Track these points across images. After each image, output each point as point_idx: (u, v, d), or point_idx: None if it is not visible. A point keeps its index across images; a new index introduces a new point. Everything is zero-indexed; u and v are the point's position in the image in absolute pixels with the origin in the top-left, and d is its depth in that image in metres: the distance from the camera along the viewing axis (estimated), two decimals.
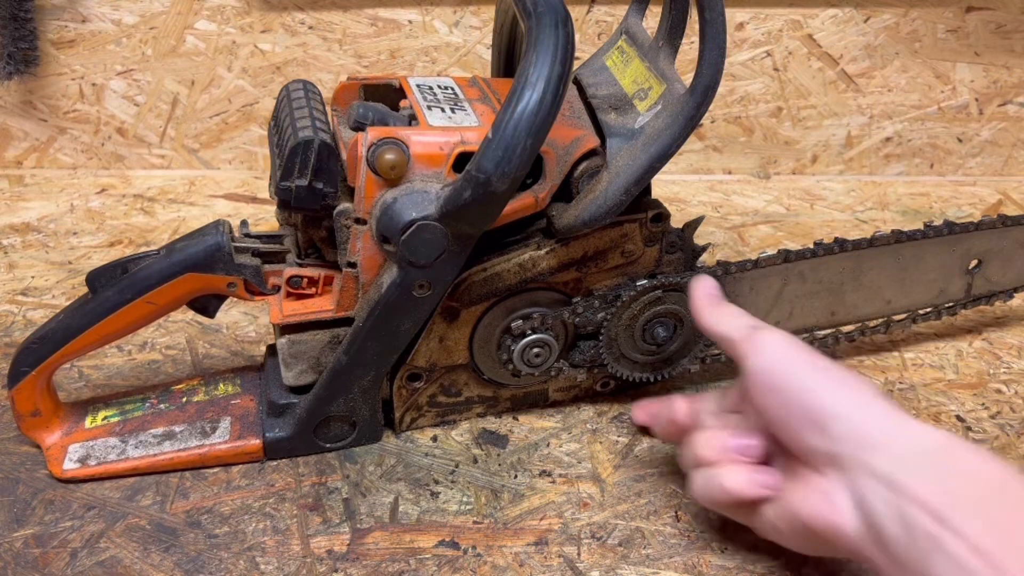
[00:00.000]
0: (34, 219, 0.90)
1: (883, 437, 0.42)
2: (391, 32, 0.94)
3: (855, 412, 0.44)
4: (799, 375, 0.46)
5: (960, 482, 0.40)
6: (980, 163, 1.02)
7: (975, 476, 0.40)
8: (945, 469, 0.41)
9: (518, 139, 0.48)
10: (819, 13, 0.93)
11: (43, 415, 0.58)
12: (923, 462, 0.41)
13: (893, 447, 0.42)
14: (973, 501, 0.39)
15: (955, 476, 0.40)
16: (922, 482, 0.40)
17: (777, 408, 0.46)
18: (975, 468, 0.41)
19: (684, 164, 1.02)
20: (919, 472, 0.41)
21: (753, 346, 0.48)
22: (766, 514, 0.48)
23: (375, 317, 0.55)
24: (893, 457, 0.42)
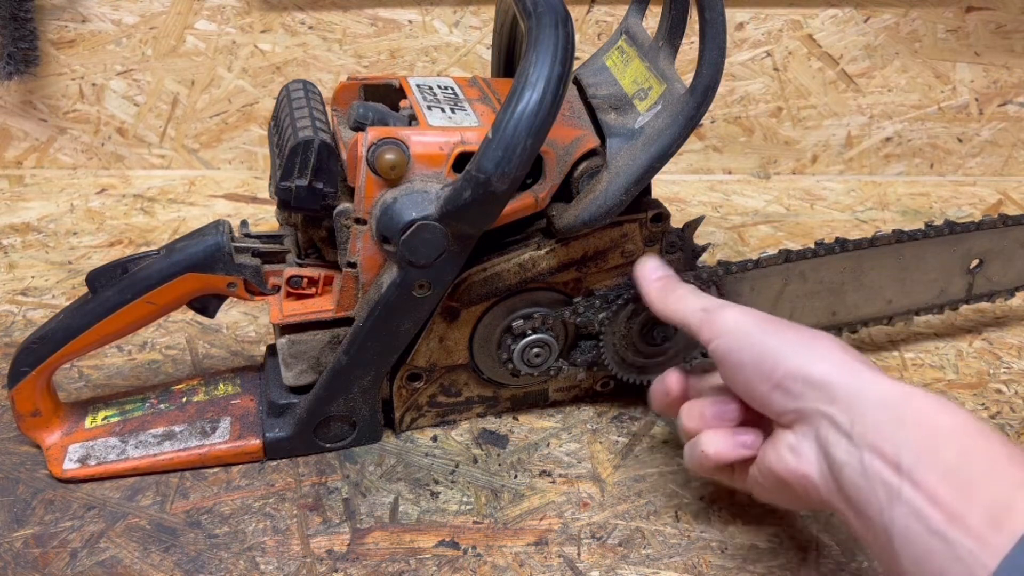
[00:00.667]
0: (34, 219, 0.90)
1: (841, 389, 0.43)
2: (391, 32, 0.94)
3: (811, 367, 0.44)
4: (755, 346, 0.46)
5: (918, 431, 0.40)
6: (980, 163, 1.02)
7: (933, 425, 0.40)
8: (903, 419, 0.41)
9: (518, 139, 0.48)
10: (819, 13, 0.93)
11: (43, 415, 0.58)
12: (881, 412, 0.41)
13: (851, 399, 0.42)
14: (930, 450, 0.39)
15: (913, 426, 0.40)
16: (880, 432, 0.40)
17: (744, 383, 0.47)
18: (933, 417, 0.40)
19: (684, 164, 1.02)
20: (877, 422, 0.41)
21: (710, 331, 0.49)
22: (752, 475, 0.49)
23: (375, 317, 0.55)
24: (851, 407, 0.42)
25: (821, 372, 0.44)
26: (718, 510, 0.56)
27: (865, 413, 0.41)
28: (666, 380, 0.54)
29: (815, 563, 0.52)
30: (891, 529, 0.38)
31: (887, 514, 0.39)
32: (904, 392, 0.42)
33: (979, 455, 0.38)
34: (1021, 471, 0.37)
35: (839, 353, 0.45)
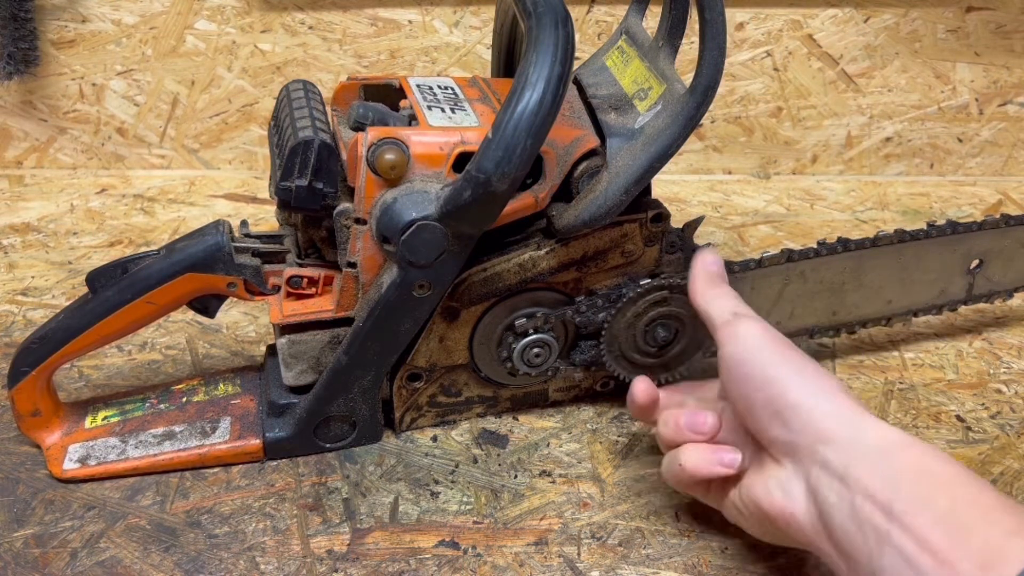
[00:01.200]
0: (34, 219, 0.90)
1: (839, 431, 0.43)
2: (391, 32, 0.94)
3: (815, 405, 0.44)
4: (767, 365, 0.46)
5: (911, 478, 0.40)
6: (980, 163, 1.02)
7: (927, 473, 0.40)
8: (897, 465, 0.41)
9: (518, 139, 0.48)
10: (819, 13, 0.93)
11: (43, 415, 0.58)
12: (876, 457, 0.41)
13: (848, 441, 0.42)
14: (923, 497, 0.39)
15: (907, 472, 0.40)
16: (873, 476, 0.40)
17: (745, 397, 0.47)
18: (927, 465, 0.41)
19: (684, 164, 1.02)
20: (871, 467, 0.41)
21: (730, 334, 0.49)
22: (731, 498, 0.49)
23: (375, 317, 0.55)
24: (847, 451, 0.42)
25: (824, 411, 0.44)
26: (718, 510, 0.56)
27: (860, 458, 0.41)
28: (633, 388, 0.54)
29: (815, 563, 0.52)
30: (879, 574, 0.38)
31: (876, 559, 0.39)
32: (900, 440, 0.42)
33: (971, 503, 0.39)
34: (1012, 518, 0.37)
35: (843, 396, 0.45)
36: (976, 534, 0.37)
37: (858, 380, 0.68)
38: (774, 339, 0.48)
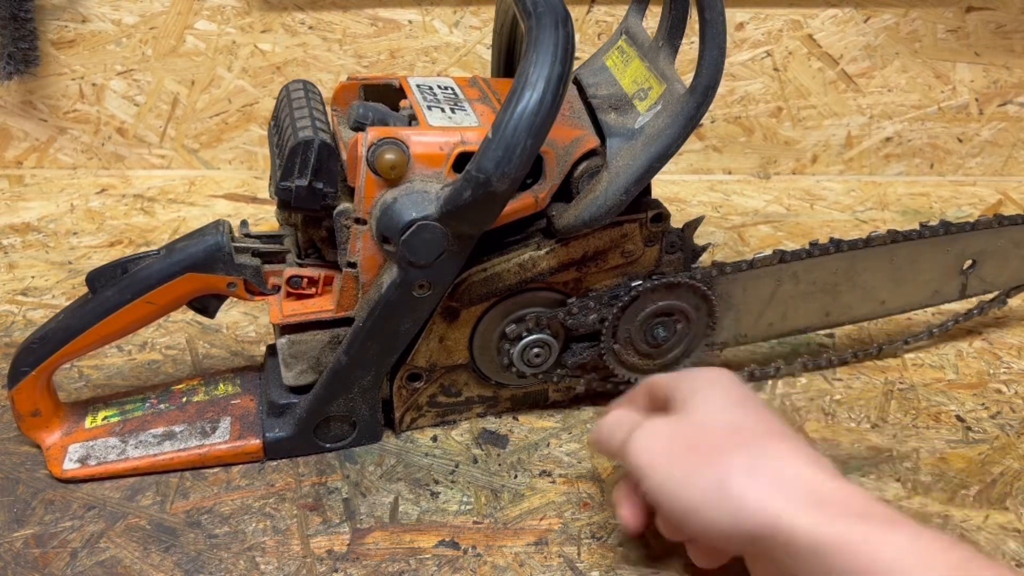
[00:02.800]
0: (34, 219, 0.90)
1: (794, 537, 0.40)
2: (391, 32, 0.94)
3: (744, 517, 0.42)
4: (657, 479, 0.45)
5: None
6: (980, 163, 1.02)
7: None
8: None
9: (518, 139, 0.48)
10: (819, 13, 0.93)
11: (43, 415, 0.58)
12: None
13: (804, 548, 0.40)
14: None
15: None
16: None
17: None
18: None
19: (684, 164, 1.02)
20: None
21: (625, 455, 0.47)
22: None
23: (375, 317, 0.55)
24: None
25: (757, 521, 0.41)
26: None
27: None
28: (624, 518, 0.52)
29: None
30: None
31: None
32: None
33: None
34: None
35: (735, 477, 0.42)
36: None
37: (858, 380, 0.68)
38: (661, 442, 0.47)
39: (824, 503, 0.40)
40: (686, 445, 0.45)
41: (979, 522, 0.55)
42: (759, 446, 0.44)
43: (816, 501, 0.40)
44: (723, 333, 0.64)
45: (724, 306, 0.61)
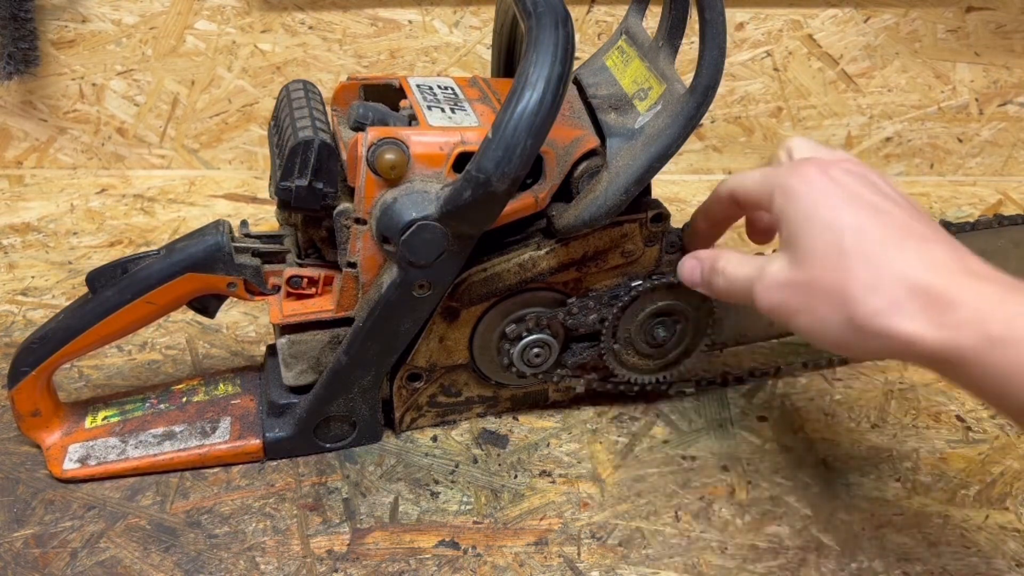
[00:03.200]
0: (34, 219, 0.90)
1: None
2: (391, 32, 0.94)
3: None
4: (796, 324, 0.45)
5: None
6: (980, 163, 1.02)
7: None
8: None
9: (518, 139, 0.48)
10: (819, 13, 0.93)
11: (43, 415, 0.58)
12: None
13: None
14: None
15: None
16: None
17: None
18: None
19: (684, 164, 1.02)
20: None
21: (755, 302, 0.47)
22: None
23: (375, 317, 0.55)
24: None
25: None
26: (718, 510, 0.56)
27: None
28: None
29: (815, 563, 0.52)
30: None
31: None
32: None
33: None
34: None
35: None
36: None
37: (858, 380, 0.68)
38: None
39: (943, 316, 0.39)
40: (803, 288, 0.44)
41: (979, 522, 0.55)
42: (868, 267, 0.41)
43: (935, 317, 0.39)
44: (723, 333, 0.64)
45: (724, 306, 0.61)
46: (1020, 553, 0.53)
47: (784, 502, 0.57)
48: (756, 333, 0.65)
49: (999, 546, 0.54)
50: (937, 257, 0.41)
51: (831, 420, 0.64)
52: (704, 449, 0.61)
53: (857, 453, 0.61)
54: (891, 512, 0.56)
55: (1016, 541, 0.54)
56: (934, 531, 0.55)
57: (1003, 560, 0.53)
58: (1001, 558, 0.53)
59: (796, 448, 0.61)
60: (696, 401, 0.66)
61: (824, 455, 0.61)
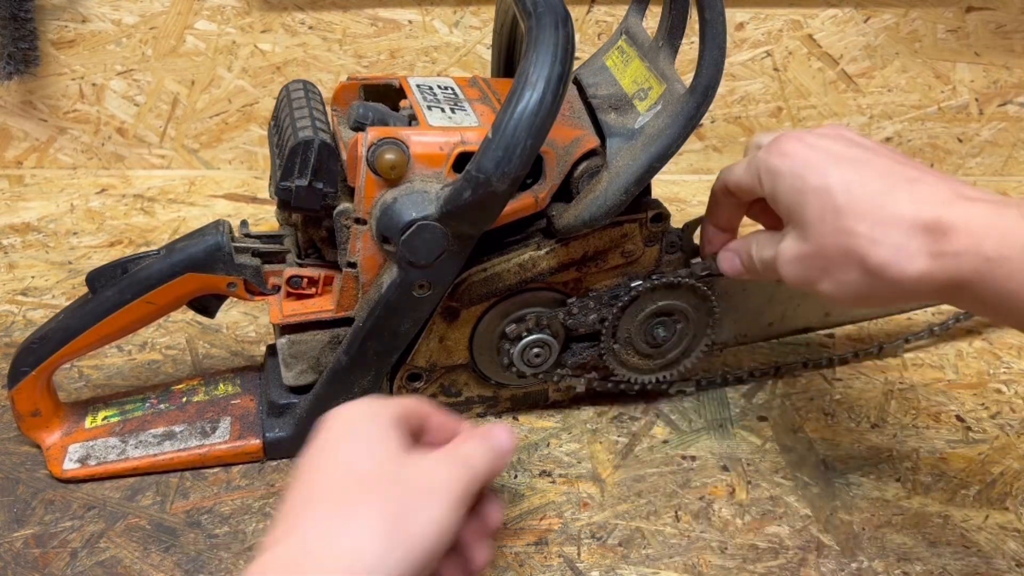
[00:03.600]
0: (34, 219, 0.90)
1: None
2: (391, 32, 0.94)
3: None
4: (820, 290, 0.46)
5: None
6: (980, 163, 1.02)
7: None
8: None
9: (518, 139, 0.48)
10: (819, 13, 0.93)
11: (43, 415, 0.58)
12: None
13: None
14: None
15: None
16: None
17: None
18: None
19: (684, 164, 1.02)
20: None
21: (782, 277, 0.47)
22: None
23: (375, 317, 0.55)
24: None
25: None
26: (718, 510, 0.56)
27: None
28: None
29: (815, 563, 0.52)
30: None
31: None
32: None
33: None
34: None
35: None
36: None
37: (858, 380, 0.68)
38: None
39: (942, 246, 0.40)
40: (815, 258, 0.44)
41: (979, 522, 0.55)
42: (864, 219, 0.42)
43: (936, 248, 0.40)
44: (723, 333, 0.64)
45: (724, 306, 0.61)
46: (1020, 553, 0.53)
47: (784, 502, 0.57)
48: (756, 333, 0.65)
49: (999, 546, 0.54)
50: (925, 192, 0.42)
51: (831, 420, 0.64)
52: (704, 449, 0.61)
53: (857, 453, 0.61)
54: (891, 512, 0.56)
55: (1016, 541, 0.54)
56: (934, 531, 0.55)
57: (1003, 560, 0.53)
58: (1001, 558, 0.53)
59: (796, 448, 0.61)
60: (696, 401, 0.66)
61: (824, 455, 0.61)
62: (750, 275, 0.52)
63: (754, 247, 0.50)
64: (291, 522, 0.37)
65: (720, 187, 0.53)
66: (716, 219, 0.55)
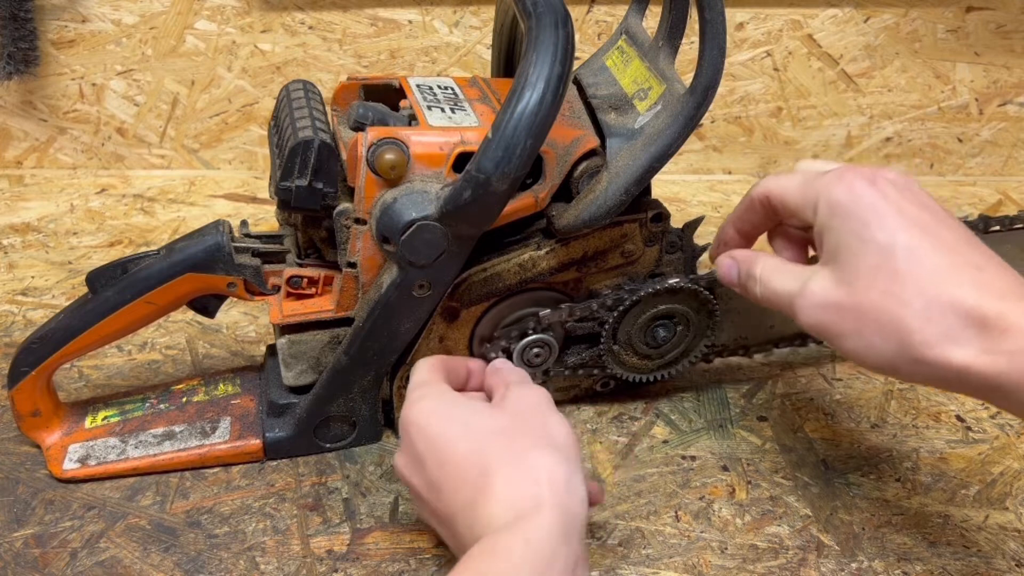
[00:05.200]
0: (34, 219, 0.90)
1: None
2: (391, 32, 0.94)
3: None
4: (843, 345, 0.44)
5: None
6: (980, 163, 1.02)
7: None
8: None
9: (518, 139, 0.48)
10: (819, 13, 0.93)
11: (43, 415, 0.58)
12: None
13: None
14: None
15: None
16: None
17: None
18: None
19: (684, 164, 1.02)
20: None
21: (797, 316, 0.45)
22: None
23: (375, 317, 0.55)
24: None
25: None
26: (718, 510, 0.56)
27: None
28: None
29: (815, 563, 0.52)
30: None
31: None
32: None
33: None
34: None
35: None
36: None
37: (858, 380, 0.68)
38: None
39: (997, 342, 0.39)
40: (851, 311, 0.42)
41: (979, 522, 0.55)
42: (920, 294, 0.41)
43: (989, 343, 0.39)
44: (724, 335, 0.64)
45: (725, 308, 0.61)
46: (1020, 553, 0.53)
47: (784, 502, 0.57)
48: (756, 335, 0.65)
49: (999, 546, 0.54)
50: (991, 283, 0.40)
51: (831, 420, 0.64)
52: (704, 449, 0.61)
53: (857, 453, 0.61)
54: (891, 512, 0.56)
55: (1016, 541, 0.54)
56: (934, 531, 0.55)
57: (1003, 560, 0.53)
58: (1001, 558, 0.53)
59: (796, 448, 0.61)
60: (696, 401, 0.66)
61: (824, 455, 0.61)
62: (741, 291, 0.50)
63: (760, 267, 0.48)
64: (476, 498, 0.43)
65: (760, 194, 0.49)
66: (740, 223, 0.52)
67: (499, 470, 0.43)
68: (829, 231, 0.44)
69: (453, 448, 0.45)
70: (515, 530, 0.40)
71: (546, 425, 0.46)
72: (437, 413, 0.47)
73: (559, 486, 0.42)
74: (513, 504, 0.41)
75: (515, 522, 0.40)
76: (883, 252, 0.42)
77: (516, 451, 0.44)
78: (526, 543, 0.39)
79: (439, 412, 0.47)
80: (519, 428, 0.46)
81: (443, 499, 0.44)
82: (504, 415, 0.47)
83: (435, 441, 0.46)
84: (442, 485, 0.44)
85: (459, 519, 0.43)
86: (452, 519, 0.44)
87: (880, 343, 0.41)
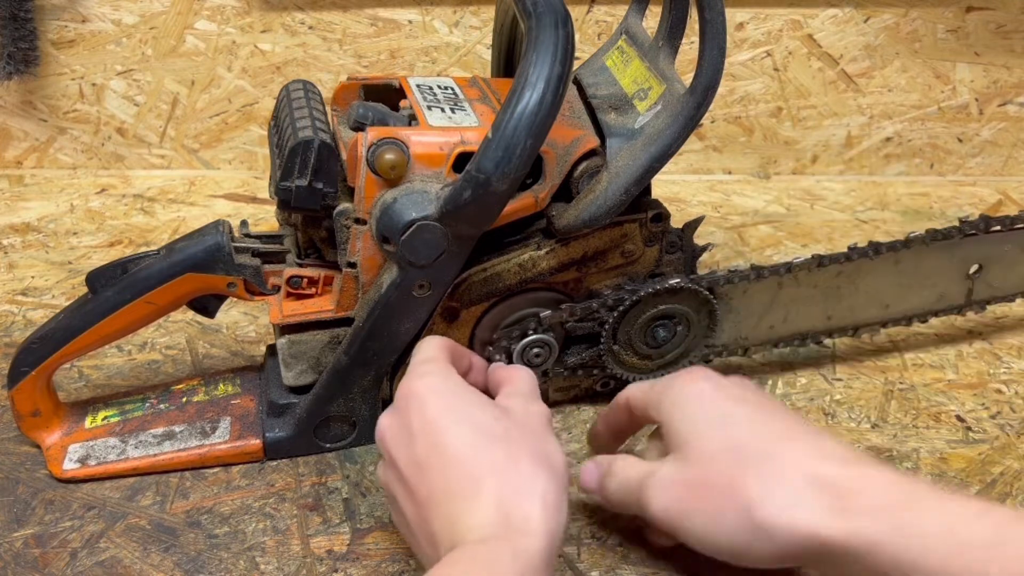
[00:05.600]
0: (34, 219, 0.90)
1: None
2: (391, 32, 0.94)
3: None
4: (685, 530, 0.45)
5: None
6: (980, 163, 1.02)
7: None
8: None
9: (518, 139, 0.48)
10: (819, 13, 0.93)
11: (43, 415, 0.58)
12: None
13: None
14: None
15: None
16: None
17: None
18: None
19: (684, 164, 1.02)
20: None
21: (646, 511, 0.47)
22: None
23: (375, 317, 0.55)
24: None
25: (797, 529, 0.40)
26: None
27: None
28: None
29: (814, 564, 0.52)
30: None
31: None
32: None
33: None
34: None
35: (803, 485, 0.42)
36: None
37: (858, 380, 0.68)
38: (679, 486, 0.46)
39: (846, 504, 0.40)
40: (698, 487, 0.44)
41: None
42: (765, 461, 0.43)
43: (838, 505, 0.40)
44: (723, 336, 0.64)
45: (725, 308, 0.61)
46: None
47: None
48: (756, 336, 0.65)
49: None
50: (829, 448, 0.43)
51: (831, 420, 0.64)
52: None
53: None
54: None
55: None
56: None
57: None
58: None
59: None
60: None
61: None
62: (600, 495, 0.51)
63: (619, 464, 0.49)
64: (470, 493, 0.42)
65: (623, 398, 0.53)
66: (607, 422, 0.55)
67: (495, 476, 0.42)
68: (672, 423, 0.47)
69: (450, 436, 0.44)
70: (503, 541, 0.40)
71: (547, 446, 0.46)
72: (440, 394, 0.46)
73: (552, 510, 0.42)
74: (504, 514, 0.41)
75: (504, 533, 0.40)
76: (726, 426, 0.45)
77: (515, 462, 0.43)
78: (513, 557, 0.39)
79: (443, 394, 0.47)
80: (521, 441, 0.45)
81: (425, 480, 0.43)
82: (508, 422, 0.46)
83: (433, 423, 0.45)
84: (429, 467, 0.43)
85: (437, 505, 0.42)
86: (428, 502, 0.43)
87: (726, 513, 0.43)
